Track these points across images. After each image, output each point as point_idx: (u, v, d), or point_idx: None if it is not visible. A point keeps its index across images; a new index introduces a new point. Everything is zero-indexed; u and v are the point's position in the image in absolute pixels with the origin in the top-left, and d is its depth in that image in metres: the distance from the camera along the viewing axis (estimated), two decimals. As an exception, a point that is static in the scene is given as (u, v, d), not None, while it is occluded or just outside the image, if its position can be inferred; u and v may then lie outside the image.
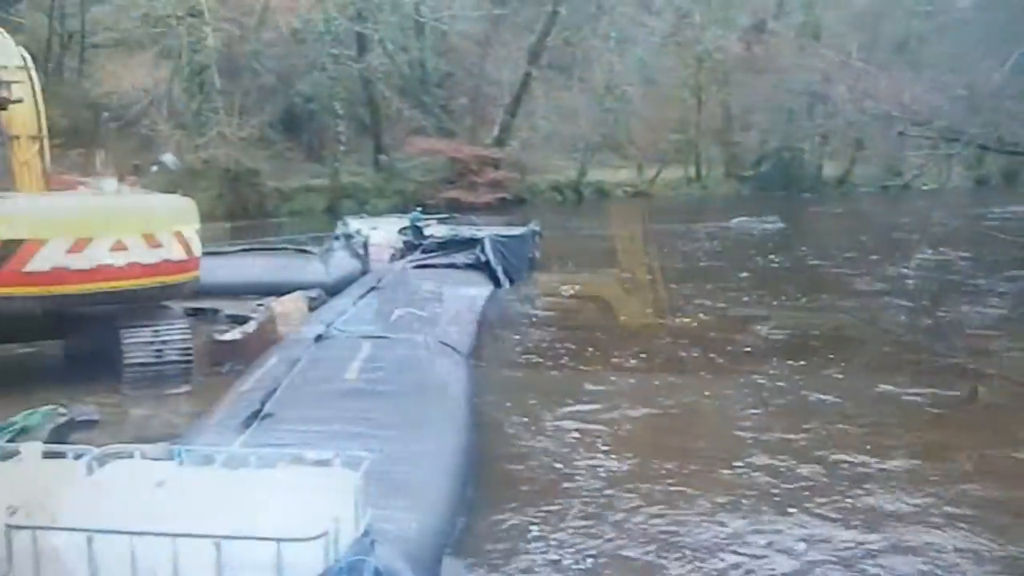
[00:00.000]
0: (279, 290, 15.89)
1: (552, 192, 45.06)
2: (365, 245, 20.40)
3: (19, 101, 13.12)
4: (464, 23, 43.18)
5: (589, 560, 7.27)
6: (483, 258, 18.50)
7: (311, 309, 15.35)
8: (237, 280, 17.20)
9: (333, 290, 17.27)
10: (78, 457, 5.62)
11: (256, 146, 36.70)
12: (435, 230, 20.30)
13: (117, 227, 11.57)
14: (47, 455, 5.70)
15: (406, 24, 43.71)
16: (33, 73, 13.57)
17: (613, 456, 9.27)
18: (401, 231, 20.10)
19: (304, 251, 20.48)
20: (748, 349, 14.04)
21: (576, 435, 9.89)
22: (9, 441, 7.74)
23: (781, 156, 50.44)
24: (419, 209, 23.53)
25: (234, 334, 13.66)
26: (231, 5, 38.67)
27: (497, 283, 18.24)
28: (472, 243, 18.89)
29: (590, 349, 13.94)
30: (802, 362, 13.21)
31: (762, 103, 49.77)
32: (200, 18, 35.04)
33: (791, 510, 8.10)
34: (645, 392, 11.54)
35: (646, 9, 49.35)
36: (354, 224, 21.52)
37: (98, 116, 33.55)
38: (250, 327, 13.76)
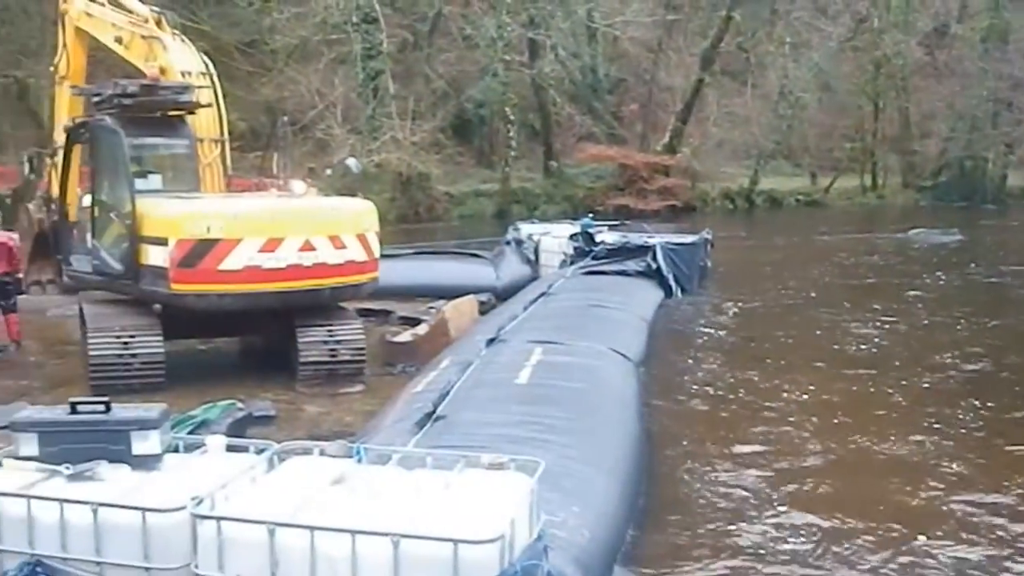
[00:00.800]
0: (450, 293, 16.04)
1: (723, 200, 44.56)
2: (536, 250, 20.48)
3: (208, 106, 13.61)
4: (636, 29, 43.00)
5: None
6: (654, 266, 18.28)
7: (482, 313, 15.46)
8: (409, 282, 17.52)
9: (503, 294, 17.40)
10: (260, 451, 5.74)
11: (428, 150, 37.29)
12: (606, 236, 20.17)
13: (306, 228, 11.90)
14: (230, 448, 5.85)
15: (578, 30, 43.83)
16: (215, 79, 14.05)
17: (793, 517, 8.03)
18: (572, 237, 20.04)
19: (475, 255, 20.69)
20: (927, 384, 12.57)
21: (750, 486, 8.77)
22: (189, 433, 7.98)
23: (962, 165, 48.74)
24: (590, 215, 23.52)
25: (406, 336, 13.87)
26: (405, 11, 39.43)
27: (668, 292, 18.02)
28: (643, 250, 18.68)
29: (758, 377, 12.76)
30: (991, 403, 11.52)
31: (943, 110, 48.27)
32: (375, 24, 35.76)
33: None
34: (824, 435, 10.23)
35: (822, 13, 48.32)
36: (525, 229, 21.61)
37: (275, 120, 34.60)
38: (422, 329, 13.93)
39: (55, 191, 14.49)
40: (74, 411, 5.65)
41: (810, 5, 48.10)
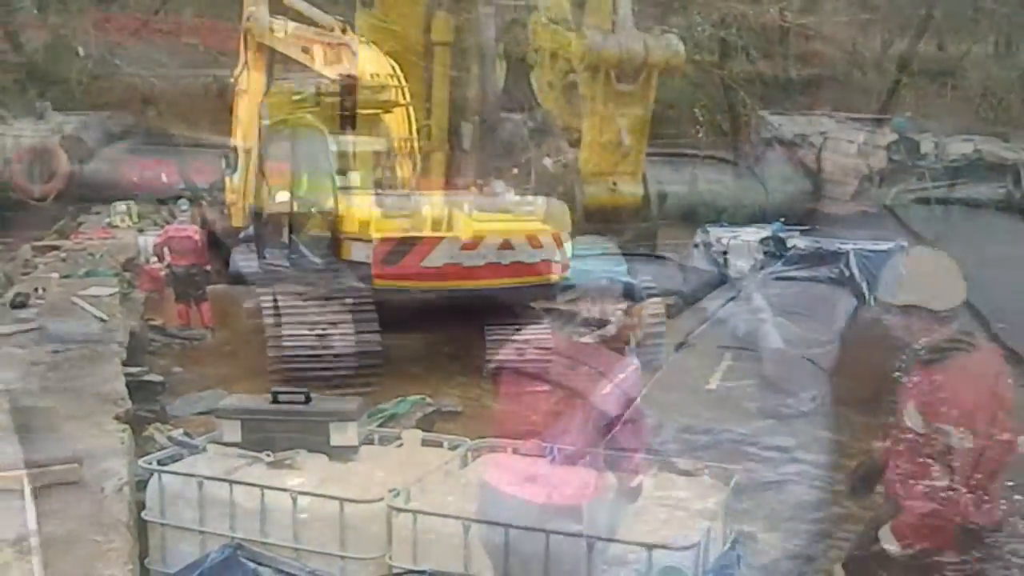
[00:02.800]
0: (637, 295, 15.91)
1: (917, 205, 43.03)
2: (725, 254, 20.12)
3: (405, 105, 13.83)
4: (830, 28, 41.85)
5: None
6: (847, 273, 17.71)
7: (669, 316, 15.25)
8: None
9: (690, 298, 17.10)
10: (454, 447, 5.80)
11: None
12: (797, 241, 19.66)
13: (506, 227, 11.99)
14: (425, 443, 5.92)
15: (769, 29, 42.91)
16: (401, 80, 14.23)
17: None
18: (762, 241, 19.60)
19: (661, 257, 20.45)
20: None
21: None
22: (379, 426, 8.12)
23: None
24: (782, 220, 23.01)
25: (593, 337, 13.79)
26: (591, 13, 39.33)
27: (862, 299, 17.44)
28: (836, 256, 18.06)
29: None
30: None
31: None
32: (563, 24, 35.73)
33: None
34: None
35: (1027, 9, 46.12)
36: (714, 232, 21.28)
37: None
38: (609, 331, 13.83)
39: (230, 196, 14.92)
40: (276, 401, 5.82)
41: (1016, 1, 45.98)
